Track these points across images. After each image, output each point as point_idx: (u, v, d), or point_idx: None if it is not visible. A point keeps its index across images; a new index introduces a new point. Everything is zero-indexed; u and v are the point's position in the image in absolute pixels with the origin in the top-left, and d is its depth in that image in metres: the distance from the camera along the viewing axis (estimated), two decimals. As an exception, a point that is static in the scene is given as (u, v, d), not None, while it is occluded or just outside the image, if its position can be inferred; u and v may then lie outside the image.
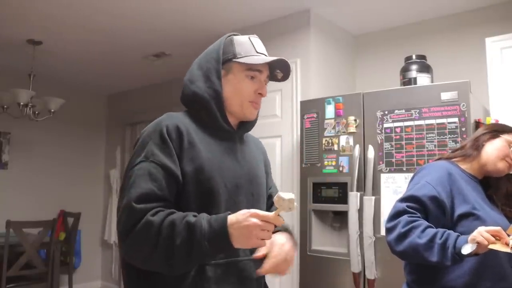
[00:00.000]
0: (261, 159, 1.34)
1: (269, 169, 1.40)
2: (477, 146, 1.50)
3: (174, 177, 1.04)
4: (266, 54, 1.23)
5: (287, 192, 0.98)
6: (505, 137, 1.49)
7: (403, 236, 1.30)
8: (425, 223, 1.30)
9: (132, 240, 0.98)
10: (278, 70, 1.26)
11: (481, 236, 1.17)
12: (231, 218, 0.96)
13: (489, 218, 1.35)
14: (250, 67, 1.17)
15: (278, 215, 0.96)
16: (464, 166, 1.51)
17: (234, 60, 1.17)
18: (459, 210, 1.37)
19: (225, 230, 0.94)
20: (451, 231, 1.26)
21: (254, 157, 1.28)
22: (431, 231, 1.27)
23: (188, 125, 1.12)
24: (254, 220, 0.93)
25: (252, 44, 1.21)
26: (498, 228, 1.19)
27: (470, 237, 1.19)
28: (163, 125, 1.09)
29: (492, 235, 1.18)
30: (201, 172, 1.07)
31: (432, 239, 1.24)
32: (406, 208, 1.35)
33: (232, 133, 1.21)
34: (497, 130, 1.52)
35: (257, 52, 1.19)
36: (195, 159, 1.07)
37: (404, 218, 1.33)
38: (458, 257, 1.20)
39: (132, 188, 1.01)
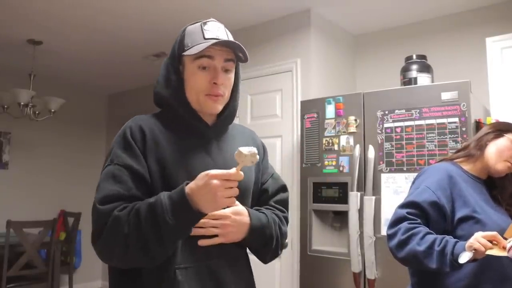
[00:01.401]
0: None
1: (264, 162, 1.31)
2: (481, 146, 1.48)
3: (141, 176, 1.02)
4: (221, 37, 1.10)
5: (248, 147, 0.94)
6: (509, 136, 1.46)
7: (403, 243, 1.31)
8: (424, 229, 1.31)
9: (103, 240, 0.96)
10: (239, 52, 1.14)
11: (477, 242, 1.17)
12: (191, 185, 0.93)
13: (490, 221, 1.34)
14: (198, 56, 1.08)
15: (240, 170, 0.92)
16: (467, 167, 1.49)
17: (183, 54, 1.11)
18: (459, 213, 1.36)
19: (185, 199, 0.91)
20: (449, 238, 1.26)
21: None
22: (430, 238, 1.27)
23: (154, 125, 1.10)
24: (215, 181, 0.90)
25: (202, 31, 1.11)
26: (495, 233, 1.19)
27: (467, 244, 1.19)
28: (126, 128, 1.08)
29: (489, 240, 1.17)
30: (166, 171, 1.04)
31: (431, 246, 1.25)
32: (406, 214, 1.36)
33: (206, 129, 1.15)
34: (501, 129, 1.49)
35: (205, 39, 1.09)
36: (159, 159, 1.05)
37: (404, 225, 1.33)
38: (457, 264, 1.20)
39: (97, 192, 1.00)
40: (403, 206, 1.40)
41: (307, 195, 2.52)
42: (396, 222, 1.37)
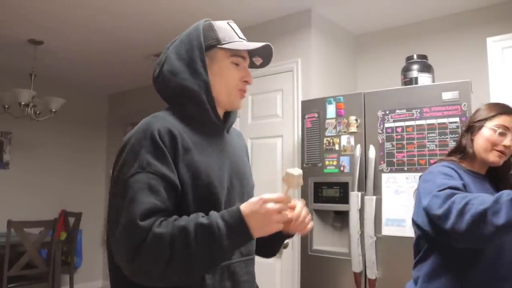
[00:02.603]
0: (244, 153, 1.28)
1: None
2: (469, 144, 1.47)
3: (174, 186, 0.97)
4: (246, 39, 1.16)
5: (293, 168, 0.96)
6: (488, 125, 1.44)
7: (462, 212, 1.17)
8: (482, 194, 1.20)
9: (142, 258, 0.89)
10: (258, 56, 1.19)
11: None
12: (244, 209, 0.92)
13: None
14: (236, 53, 1.10)
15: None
16: (465, 164, 1.48)
17: (218, 46, 1.09)
18: None
19: (244, 223, 0.90)
20: None
21: (240, 153, 1.22)
22: (492, 197, 1.16)
23: (179, 127, 1.04)
24: (271, 205, 0.90)
25: (233, 29, 1.13)
26: None
27: None
28: (154, 129, 0.99)
29: None
30: (199, 177, 1.01)
31: (496, 201, 1.13)
32: (452, 190, 1.25)
33: (220, 127, 1.14)
34: (480, 119, 1.47)
35: (240, 38, 1.12)
36: (191, 165, 1.00)
37: (457, 196, 1.22)
38: None
39: (132, 204, 0.92)
40: (441, 190, 1.29)
41: (307, 195, 2.52)
42: (445, 198, 1.24)
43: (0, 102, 3.84)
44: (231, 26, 1.13)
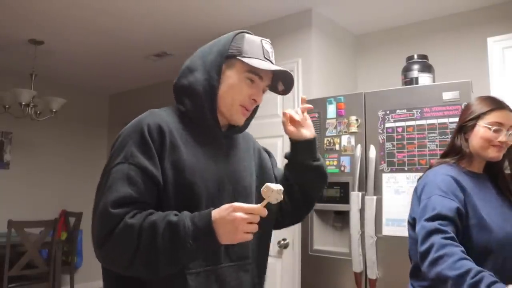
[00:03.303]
0: (251, 157, 1.26)
1: (274, 161, 1.42)
2: (465, 144, 1.45)
3: (155, 180, 0.98)
4: (273, 62, 1.16)
5: (275, 184, 0.96)
6: (482, 123, 1.42)
7: (434, 262, 1.19)
8: (460, 253, 1.18)
9: (110, 246, 0.92)
10: (281, 82, 1.20)
11: None
12: (214, 214, 0.92)
13: (495, 226, 1.31)
14: (253, 70, 1.10)
15: (265, 206, 0.93)
16: (464, 165, 1.46)
17: (238, 57, 1.10)
18: (470, 221, 1.32)
19: (211, 227, 0.91)
20: (486, 274, 1.12)
21: (243, 157, 1.21)
22: (464, 265, 1.14)
23: (171, 124, 1.06)
24: (239, 214, 0.90)
25: (262, 47, 1.14)
26: None
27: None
28: (144, 124, 1.02)
29: None
30: (183, 177, 1.01)
31: (463, 275, 1.12)
32: (438, 226, 1.25)
33: (219, 133, 1.14)
34: (472, 118, 1.45)
35: (265, 58, 1.13)
36: (176, 163, 1.01)
37: (438, 240, 1.22)
38: None
39: (109, 192, 0.95)
40: (430, 219, 1.28)
41: (308, 195, 2.51)
42: (427, 235, 1.25)
43: (0, 102, 3.85)
44: (262, 44, 1.15)
